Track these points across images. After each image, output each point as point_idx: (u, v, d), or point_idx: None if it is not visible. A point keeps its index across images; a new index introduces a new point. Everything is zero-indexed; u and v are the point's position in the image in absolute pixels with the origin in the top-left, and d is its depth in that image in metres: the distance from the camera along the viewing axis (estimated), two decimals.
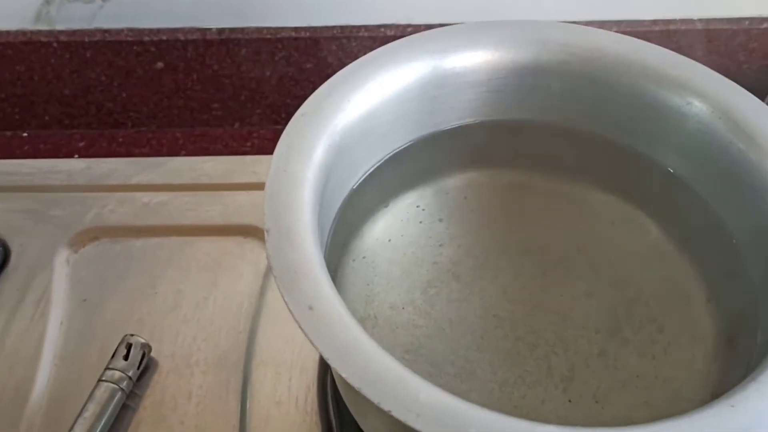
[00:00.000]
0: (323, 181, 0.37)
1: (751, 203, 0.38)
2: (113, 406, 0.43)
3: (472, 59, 0.42)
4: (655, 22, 0.63)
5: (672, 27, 0.63)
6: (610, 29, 0.63)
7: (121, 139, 0.67)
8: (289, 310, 0.32)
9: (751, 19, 0.63)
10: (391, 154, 0.43)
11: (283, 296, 0.32)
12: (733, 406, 0.28)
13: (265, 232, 0.34)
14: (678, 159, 0.40)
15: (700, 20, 0.63)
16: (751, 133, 0.36)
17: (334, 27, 0.63)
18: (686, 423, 0.27)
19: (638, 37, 0.62)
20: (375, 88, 0.40)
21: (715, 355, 0.36)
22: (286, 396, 0.45)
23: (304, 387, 0.45)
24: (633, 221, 0.41)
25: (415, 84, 0.41)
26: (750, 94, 0.38)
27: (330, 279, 0.33)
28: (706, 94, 0.38)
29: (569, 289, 0.39)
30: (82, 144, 0.66)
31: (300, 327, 0.31)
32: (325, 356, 0.30)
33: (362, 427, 0.39)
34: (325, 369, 0.46)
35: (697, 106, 0.37)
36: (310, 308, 0.31)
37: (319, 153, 0.37)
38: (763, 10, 0.63)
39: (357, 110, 0.39)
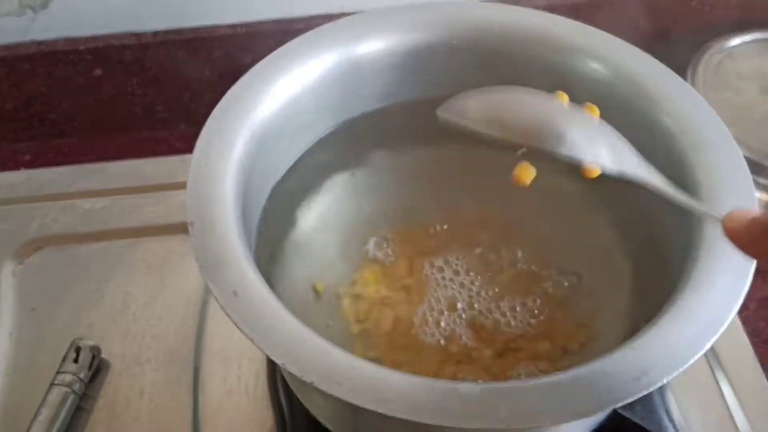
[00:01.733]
0: (246, 173, 0.38)
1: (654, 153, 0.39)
2: (66, 408, 0.44)
3: (385, 43, 0.43)
4: None
5: None
6: (538, 3, 0.64)
7: (66, 149, 0.67)
8: (215, 297, 0.32)
9: None
10: (315, 141, 0.44)
11: (208, 284, 0.33)
12: (634, 349, 0.29)
13: (189, 225, 0.35)
14: None
15: None
16: (650, 93, 0.38)
17: (268, 21, 0.64)
18: (589, 368, 0.29)
19: (567, 6, 0.64)
20: (292, 79, 0.41)
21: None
22: (237, 385, 0.45)
23: (253, 374, 0.46)
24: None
25: (331, 72, 0.42)
26: (647, 54, 0.40)
27: (254, 265, 0.34)
28: (608, 58, 0.40)
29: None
30: (27, 157, 0.66)
31: (225, 312, 0.32)
32: (250, 337, 0.31)
33: (307, 407, 0.40)
34: None
35: (601, 72, 0.39)
36: (235, 293, 0.32)
37: (239, 146, 0.38)
38: None
39: (276, 102, 0.40)
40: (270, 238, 0.41)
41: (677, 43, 0.66)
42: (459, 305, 0.41)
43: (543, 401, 0.29)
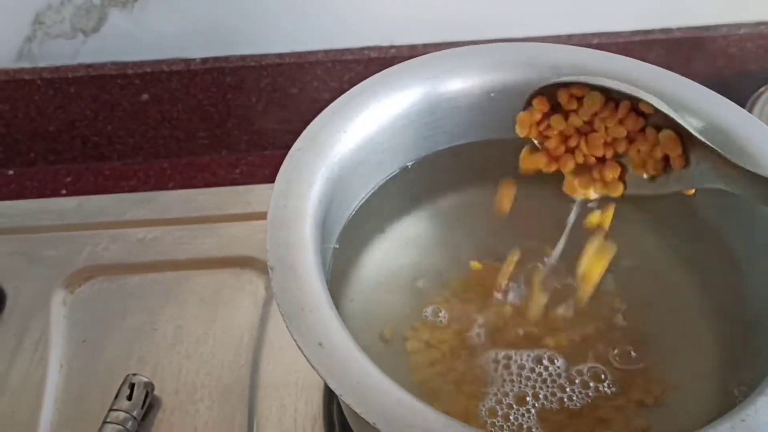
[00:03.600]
0: (323, 214, 0.37)
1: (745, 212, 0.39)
2: None
3: (464, 83, 0.42)
4: (635, 32, 0.64)
5: (651, 37, 0.64)
6: (591, 41, 0.64)
7: (107, 172, 0.67)
8: (299, 348, 0.32)
9: (729, 26, 0.64)
10: (385, 180, 0.43)
11: (291, 334, 0.32)
12: (743, 420, 0.28)
13: (270, 270, 0.34)
14: None
15: (678, 29, 0.64)
16: (742, 145, 0.37)
17: (317, 51, 0.64)
18: None
19: (619, 48, 0.64)
20: (370, 117, 0.40)
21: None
22: (293, 427, 0.45)
23: (310, 417, 0.45)
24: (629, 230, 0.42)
25: (408, 111, 0.41)
26: (740, 108, 0.39)
27: (337, 314, 0.33)
28: (699, 110, 0.39)
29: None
30: (68, 179, 0.66)
31: (311, 365, 0.31)
32: (339, 393, 0.30)
33: None
34: (330, 397, 0.46)
35: (691, 122, 0.38)
36: (320, 345, 0.32)
37: (317, 186, 0.37)
38: (739, 16, 0.64)
39: (353, 140, 0.39)
40: (336, 283, 0.40)
41: (731, 85, 0.65)
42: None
43: None
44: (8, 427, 0.45)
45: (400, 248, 0.42)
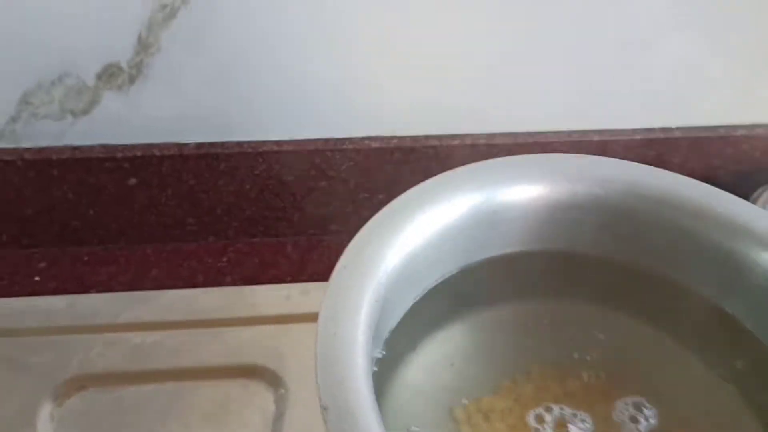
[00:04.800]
0: (370, 339, 0.35)
1: None
2: None
3: (510, 196, 0.40)
4: (635, 131, 0.64)
5: (652, 135, 0.64)
6: (592, 138, 0.64)
7: (86, 258, 0.63)
8: None
9: (727, 127, 0.65)
10: (422, 293, 0.41)
11: None
12: None
13: (322, 410, 0.31)
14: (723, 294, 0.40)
15: (678, 128, 0.64)
16: None
17: (317, 140, 0.62)
18: None
19: (621, 145, 0.64)
20: (415, 231, 0.38)
21: None
22: None
23: None
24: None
25: (454, 223, 0.39)
26: None
27: None
28: (756, 234, 0.38)
29: None
30: (43, 264, 0.62)
31: None
32: None
33: None
34: None
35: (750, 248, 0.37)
36: None
37: (366, 310, 0.35)
38: (738, 118, 0.65)
39: (399, 256, 0.37)
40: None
41: (727, 186, 0.66)
42: None
43: None
44: None
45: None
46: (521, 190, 0.41)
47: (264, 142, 0.61)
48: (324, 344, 0.33)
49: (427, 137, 0.63)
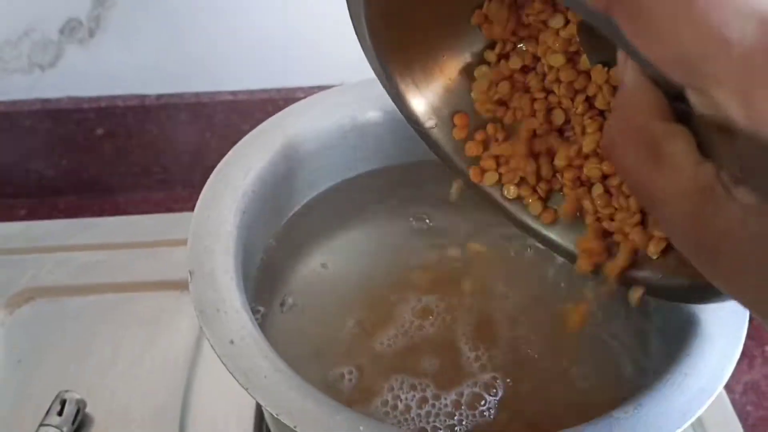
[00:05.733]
0: (246, 226, 0.39)
1: None
2: None
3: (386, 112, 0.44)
4: None
5: None
6: None
7: (62, 206, 0.68)
8: (211, 346, 0.32)
9: None
10: (311, 198, 0.45)
11: (205, 333, 0.33)
12: (626, 413, 0.30)
13: (189, 274, 0.35)
14: None
15: None
16: None
17: (270, 89, 0.65)
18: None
19: None
20: (298, 138, 0.42)
21: None
22: None
23: None
24: None
25: (337, 134, 0.43)
26: None
27: (251, 316, 0.34)
28: None
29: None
30: (23, 212, 0.67)
31: (221, 360, 0.32)
32: (244, 386, 0.31)
33: None
34: (262, 418, 0.46)
35: None
36: (231, 342, 0.32)
37: (241, 199, 0.39)
38: None
39: (278, 160, 0.41)
40: (263, 294, 0.41)
41: None
42: None
43: None
44: None
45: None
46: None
47: (220, 92, 0.65)
48: (197, 223, 0.37)
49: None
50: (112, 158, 0.67)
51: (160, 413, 0.46)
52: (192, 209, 0.66)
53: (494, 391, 0.37)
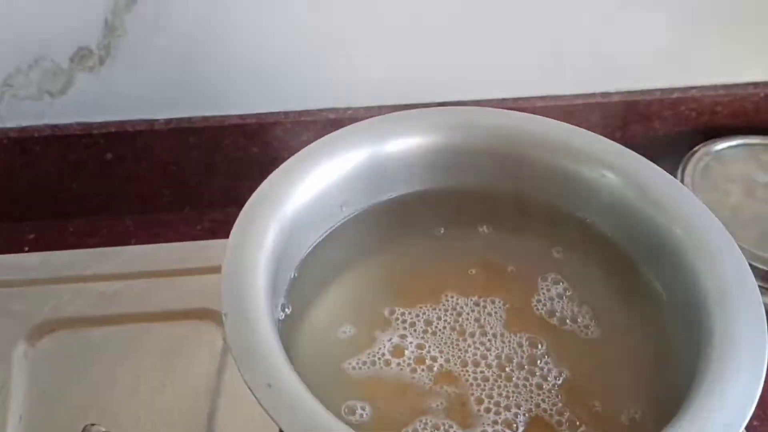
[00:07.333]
0: (275, 264, 0.40)
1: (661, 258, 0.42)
2: None
3: (407, 144, 0.45)
4: (576, 96, 0.68)
5: (592, 100, 0.68)
6: (535, 104, 0.68)
7: (72, 229, 0.68)
8: (249, 389, 0.33)
9: (663, 90, 0.68)
10: (330, 230, 0.46)
11: (242, 375, 0.34)
12: None
13: (223, 316, 0.36)
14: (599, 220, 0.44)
15: (617, 92, 0.68)
16: (658, 200, 0.41)
17: (278, 113, 0.66)
18: None
19: (562, 109, 0.68)
20: (321, 175, 0.43)
21: None
22: None
23: None
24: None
25: (357, 169, 0.44)
26: (656, 166, 0.43)
27: (287, 358, 0.35)
28: (618, 167, 0.43)
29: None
30: (32, 236, 0.67)
31: (260, 404, 0.33)
32: (286, 430, 0.32)
33: None
34: None
35: (610, 178, 0.42)
36: (269, 386, 0.33)
37: (270, 238, 0.40)
38: (673, 81, 0.68)
39: (305, 196, 0.42)
40: (287, 331, 0.42)
41: (667, 147, 0.70)
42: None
43: None
44: None
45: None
46: (417, 140, 0.45)
47: (228, 116, 0.66)
48: (230, 264, 0.38)
49: (380, 108, 0.67)
50: (121, 182, 0.68)
51: None
52: (202, 231, 0.68)
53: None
